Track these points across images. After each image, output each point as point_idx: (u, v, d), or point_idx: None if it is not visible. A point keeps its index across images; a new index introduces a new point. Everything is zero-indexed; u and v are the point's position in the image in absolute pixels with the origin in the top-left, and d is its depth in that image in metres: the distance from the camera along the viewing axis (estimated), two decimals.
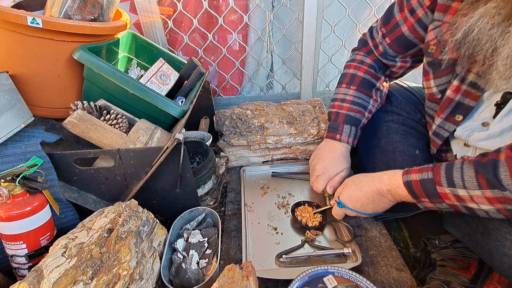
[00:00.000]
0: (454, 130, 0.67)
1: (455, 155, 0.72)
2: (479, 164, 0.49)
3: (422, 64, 0.75)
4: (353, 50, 0.91)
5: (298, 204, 0.87)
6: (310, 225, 0.79)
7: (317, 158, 0.84)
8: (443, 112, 0.68)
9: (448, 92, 0.66)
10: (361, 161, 0.91)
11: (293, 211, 0.85)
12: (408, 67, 0.83)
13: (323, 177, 0.80)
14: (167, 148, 0.68)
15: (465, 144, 0.68)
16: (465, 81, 0.62)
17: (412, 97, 0.91)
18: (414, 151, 0.80)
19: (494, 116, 0.60)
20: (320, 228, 0.79)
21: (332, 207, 0.78)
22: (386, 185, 0.63)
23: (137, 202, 0.68)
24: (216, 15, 1.33)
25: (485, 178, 0.48)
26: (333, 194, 0.79)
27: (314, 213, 0.82)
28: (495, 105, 0.59)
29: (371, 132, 0.88)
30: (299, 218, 0.82)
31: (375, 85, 0.84)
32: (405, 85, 0.94)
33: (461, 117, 0.65)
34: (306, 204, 0.86)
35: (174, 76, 1.01)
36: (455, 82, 0.64)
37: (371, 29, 0.85)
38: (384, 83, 0.88)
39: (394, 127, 0.84)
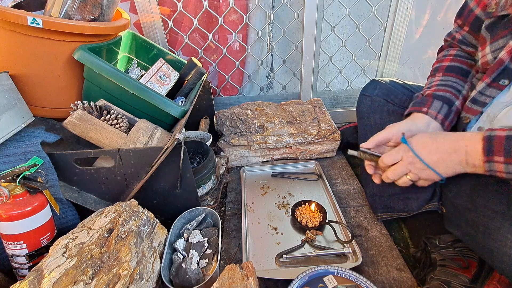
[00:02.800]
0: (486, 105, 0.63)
1: (478, 128, 0.66)
2: None
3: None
4: (438, 51, 0.87)
5: (298, 205, 0.87)
6: (310, 225, 0.79)
7: None
8: (489, 77, 0.63)
9: (502, 53, 0.61)
10: None
11: (293, 212, 0.85)
12: None
13: (374, 135, 0.70)
14: (167, 148, 0.68)
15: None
16: None
17: (413, 96, 0.90)
18: None
19: None
20: (320, 228, 0.79)
21: (380, 157, 0.66)
22: (465, 139, 0.57)
23: (137, 202, 0.68)
24: (216, 15, 1.33)
25: None
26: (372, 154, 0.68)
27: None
28: None
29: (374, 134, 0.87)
30: (299, 219, 0.82)
31: (469, 71, 0.76)
32: (405, 85, 0.94)
33: (506, 82, 0.61)
34: (307, 204, 0.86)
35: (174, 76, 1.01)
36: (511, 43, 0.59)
37: (449, 32, 0.82)
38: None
39: None
